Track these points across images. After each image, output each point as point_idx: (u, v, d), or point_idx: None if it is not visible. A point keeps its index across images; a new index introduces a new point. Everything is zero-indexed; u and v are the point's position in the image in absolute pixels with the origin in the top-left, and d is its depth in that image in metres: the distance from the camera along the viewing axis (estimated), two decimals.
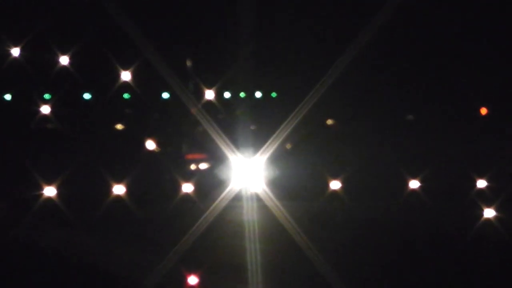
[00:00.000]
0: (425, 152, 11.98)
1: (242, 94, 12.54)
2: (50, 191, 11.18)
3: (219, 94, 12.62)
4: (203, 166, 13.03)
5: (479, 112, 12.50)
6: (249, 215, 11.39)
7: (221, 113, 12.41)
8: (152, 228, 11.03)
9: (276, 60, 12.30)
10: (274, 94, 13.01)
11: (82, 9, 12.20)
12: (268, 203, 11.01)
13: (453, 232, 10.76)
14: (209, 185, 12.01)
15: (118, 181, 11.35)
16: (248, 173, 11.67)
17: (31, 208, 10.97)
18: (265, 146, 11.49)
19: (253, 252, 9.89)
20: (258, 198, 11.44)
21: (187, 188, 11.86)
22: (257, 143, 11.72)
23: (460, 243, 10.32)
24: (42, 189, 11.15)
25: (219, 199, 10.80)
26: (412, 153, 11.93)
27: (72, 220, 10.93)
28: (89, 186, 11.35)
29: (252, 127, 12.27)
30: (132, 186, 11.61)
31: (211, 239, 10.08)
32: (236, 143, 11.72)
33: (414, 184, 11.68)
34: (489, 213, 11.16)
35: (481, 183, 11.62)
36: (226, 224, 11.03)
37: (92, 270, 9.24)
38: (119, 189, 11.32)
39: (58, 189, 11.19)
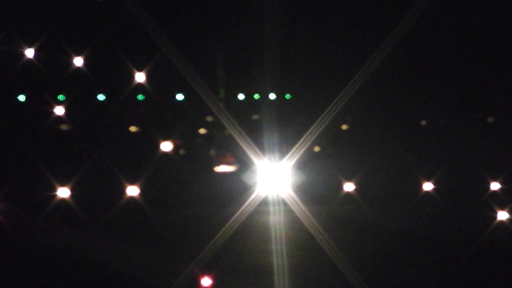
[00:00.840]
0: (440, 155, 12.01)
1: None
2: (63, 192, 11.20)
3: (246, 97, 12.72)
4: (229, 170, 13.13)
5: (491, 116, 12.53)
6: (276, 220, 11.48)
7: (247, 116, 12.47)
8: (177, 233, 11.03)
9: (303, 65, 12.37)
10: (288, 96, 13.04)
11: (96, 10, 12.26)
12: (294, 207, 10.96)
13: (467, 234, 10.73)
14: (235, 189, 12.11)
15: (134, 183, 11.36)
16: (274, 178, 11.64)
17: (44, 209, 10.98)
18: (292, 150, 11.47)
19: (279, 257, 9.85)
20: (284, 203, 11.46)
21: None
22: (284, 147, 11.85)
23: (474, 245, 10.28)
24: (55, 190, 11.16)
25: (245, 204, 10.72)
26: (428, 156, 12.00)
27: (85, 221, 10.95)
28: (104, 187, 11.38)
29: (278, 131, 12.33)
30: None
31: (237, 244, 10.06)
32: (263, 147, 11.77)
33: (428, 186, 11.70)
34: (502, 215, 11.13)
35: (495, 186, 11.60)
36: (252, 229, 11.05)
37: (113, 272, 9.28)
38: (135, 191, 11.34)
39: (71, 190, 11.20)
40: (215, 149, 13.03)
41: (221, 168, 13.07)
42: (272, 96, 13.06)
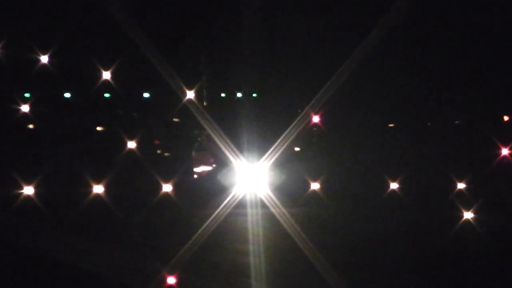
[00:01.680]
0: (406, 155, 12.09)
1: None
2: (29, 190, 11.13)
3: (224, 97, 12.69)
4: (208, 170, 13.07)
5: (458, 117, 12.63)
6: (253, 222, 11.27)
7: (225, 116, 12.39)
8: (153, 234, 10.88)
9: (282, 66, 12.37)
10: (255, 95, 13.02)
11: (63, 6, 12.19)
12: (273, 209, 10.88)
13: (433, 233, 10.79)
14: (212, 191, 12.02)
15: (101, 182, 11.30)
16: (252, 179, 11.56)
17: (10, 207, 10.90)
18: (270, 151, 11.39)
19: (256, 258, 9.75)
20: (262, 205, 11.35)
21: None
22: (262, 147, 11.69)
23: (440, 243, 10.35)
24: (21, 188, 11.08)
25: (221, 205, 10.62)
26: (395, 157, 12.07)
27: (51, 219, 10.88)
28: (72, 185, 11.29)
29: (257, 132, 12.23)
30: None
31: (213, 246, 9.96)
32: (240, 148, 11.68)
33: (394, 186, 11.75)
34: (468, 215, 11.21)
35: (461, 186, 11.69)
36: (229, 232, 10.89)
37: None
38: (101, 190, 11.28)
39: (37, 188, 11.12)
40: (195, 150, 12.96)
41: (200, 169, 13.00)
42: (239, 95, 13.04)
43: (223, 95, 12.86)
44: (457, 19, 11.98)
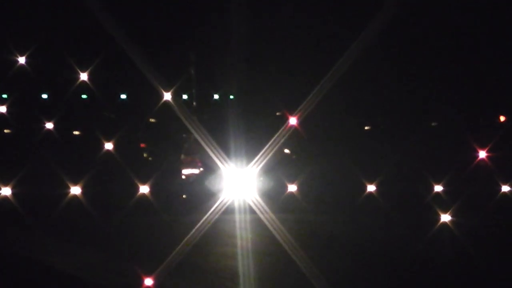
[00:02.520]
0: (384, 158, 12.10)
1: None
2: (5, 191, 11.08)
3: (211, 99, 12.62)
4: (194, 173, 12.95)
5: (435, 120, 12.68)
6: (242, 228, 11.14)
7: (212, 119, 12.31)
8: (139, 239, 10.73)
9: (268, 69, 12.34)
10: (231, 96, 12.99)
11: (40, 7, 12.13)
12: (261, 215, 10.72)
13: (411, 236, 10.81)
14: (199, 196, 11.95)
15: (78, 183, 11.24)
16: (240, 184, 11.41)
17: None
18: (259, 155, 11.25)
19: (245, 264, 9.62)
20: (251, 210, 11.23)
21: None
22: (250, 152, 11.54)
23: (417, 246, 10.38)
24: None
25: (209, 211, 10.44)
26: (372, 159, 12.09)
27: (27, 220, 10.83)
28: (49, 187, 11.21)
29: (245, 136, 12.05)
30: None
31: (201, 252, 9.86)
32: (228, 152, 11.49)
33: (371, 188, 11.76)
34: (445, 217, 11.25)
35: (438, 188, 11.73)
36: (217, 237, 10.74)
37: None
38: (76, 191, 11.23)
39: (13, 189, 11.06)
40: (184, 153, 12.87)
41: (187, 171, 12.89)
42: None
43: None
44: (438, 25, 12.06)
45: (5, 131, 12.48)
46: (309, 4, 12.18)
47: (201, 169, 12.71)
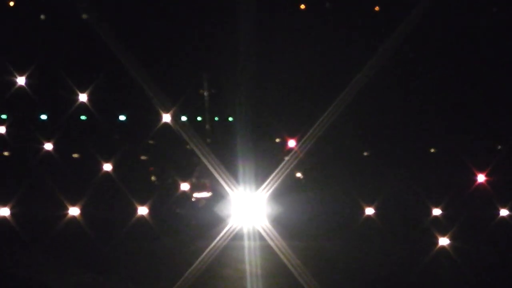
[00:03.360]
0: (382, 181, 12.11)
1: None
2: (3, 212, 11.05)
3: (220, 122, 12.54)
4: (204, 197, 12.73)
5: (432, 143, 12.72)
6: (251, 256, 10.66)
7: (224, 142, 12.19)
8: (143, 267, 10.44)
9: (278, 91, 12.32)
10: (230, 119, 12.98)
11: (39, 26, 12.16)
12: (272, 242, 10.46)
13: (409, 260, 10.82)
14: (207, 221, 11.59)
15: (76, 204, 11.21)
16: (249, 209, 11.17)
17: None
18: (268, 179, 11.12)
19: None
20: (260, 237, 10.89)
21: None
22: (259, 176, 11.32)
23: (415, 270, 10.37)
24: None
25: (217, 238, 10.27)
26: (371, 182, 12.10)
27: (25, 241, 10.79)
28: (47, 208, 11.16)
29: (255, 158, 11.71)
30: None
31: (208, 282, 9.63)
32: (237, 175, 11.25)
33: (370, 211, 11.76)
34: (443, 241, 11.25)
35: (436, 212, 11.73)
36: (225, 266, 10.36)
37: None
38: (77, 212, 11.20)
39: (12, 209, 11.04)
40: (195, 176, 12.69)
41: (199, 195, 12.69)
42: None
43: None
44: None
45: (4, 152, 12.45)
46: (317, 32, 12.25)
47: (212, 193, 12.49)
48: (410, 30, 11.15)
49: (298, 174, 12.71)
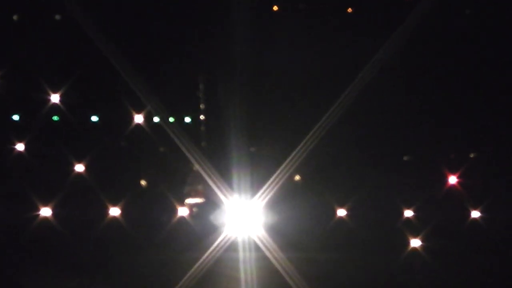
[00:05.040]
0: (354, 182, 12.14)
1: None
2: None
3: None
4: (197, 203, 12.29)
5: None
6: (246, 268, 10.12)
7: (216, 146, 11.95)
8: (132, 279, 10.06)
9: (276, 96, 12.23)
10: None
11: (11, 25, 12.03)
12: (268, 254, 10.09)
13: (382, 260, 10.90)
14: (199, 230, 11.29)
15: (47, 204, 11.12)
16: (244, 218, 10.86)
17: None
18: (265, 186, 10.85)
19: None
20: (256, 248, 10.49)
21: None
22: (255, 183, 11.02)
23: (387, 271, 10.46)
24: None
25: (211, 248, 9.96)
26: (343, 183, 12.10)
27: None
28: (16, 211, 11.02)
29: (251, 163, 11.42)
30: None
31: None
32: (231, 181, 10.96)
33: (341, 212, 11.78)
34: (416, 242, 11.36)
35: (408, 213, 11.82)
36: (218, 279, 9.93)
37: None
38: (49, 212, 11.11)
39: None
40: (188, 183, 12.35)
41: (191, 200, 12.30)
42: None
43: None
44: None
45: None
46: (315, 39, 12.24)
47: (205, 200, 12.18)
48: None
49: (297, 179, 12.48)
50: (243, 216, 10.95)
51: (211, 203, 11.61)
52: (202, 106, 12.75)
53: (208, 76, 12.58)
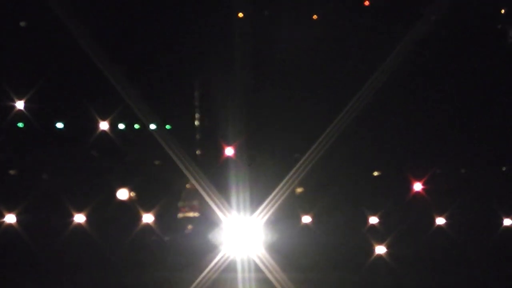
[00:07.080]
0: (320, 187, 12.12)
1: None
2: None
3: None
4: (187, 222, 11.66)
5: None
6: None
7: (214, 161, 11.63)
8: None
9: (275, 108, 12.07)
10: (168, 127, 12.65)
11: None
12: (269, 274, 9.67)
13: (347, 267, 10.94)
14: (196, 249, 10.65)
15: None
16: (243, 237, 10.39)
17: None
18: (264, 204, 10.52)
19: None
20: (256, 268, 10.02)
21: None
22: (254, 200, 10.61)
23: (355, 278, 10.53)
24: None
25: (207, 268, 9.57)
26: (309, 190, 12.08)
27: None
28: None
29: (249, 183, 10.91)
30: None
31: None
32: (230, 198, 10.51)
33: (307, 219, 11.79)
34: (381, 249, 11.46)
35: (373, 220, 11.90)
36: None
37: None
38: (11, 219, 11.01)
39: None
40: (182, 199, 11.92)
41: (184, 215, 11.73)
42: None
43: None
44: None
45: None
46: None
47: (200, 214, 11.70)
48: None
49: (300, 194, 12.16)
50: (242, 234, 10.51)
51: (207, 219, 11.06)
52: (196, 112, 12.46)
53: (203, 80, 12.34)
